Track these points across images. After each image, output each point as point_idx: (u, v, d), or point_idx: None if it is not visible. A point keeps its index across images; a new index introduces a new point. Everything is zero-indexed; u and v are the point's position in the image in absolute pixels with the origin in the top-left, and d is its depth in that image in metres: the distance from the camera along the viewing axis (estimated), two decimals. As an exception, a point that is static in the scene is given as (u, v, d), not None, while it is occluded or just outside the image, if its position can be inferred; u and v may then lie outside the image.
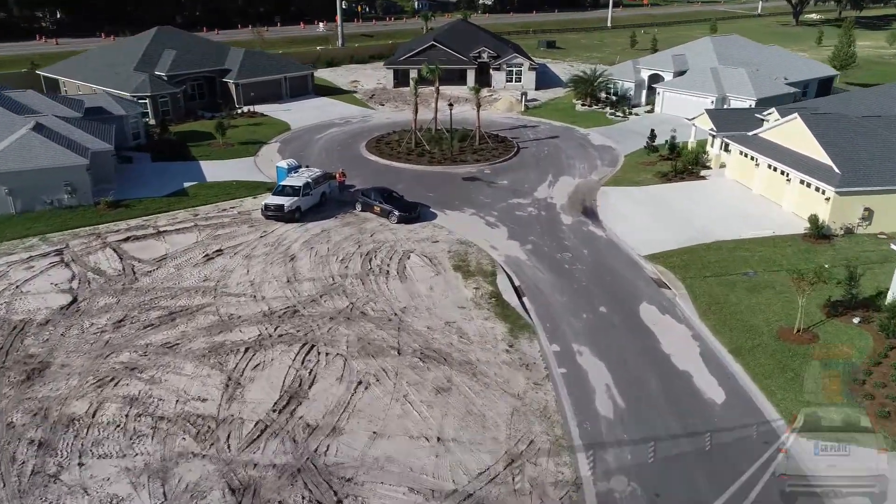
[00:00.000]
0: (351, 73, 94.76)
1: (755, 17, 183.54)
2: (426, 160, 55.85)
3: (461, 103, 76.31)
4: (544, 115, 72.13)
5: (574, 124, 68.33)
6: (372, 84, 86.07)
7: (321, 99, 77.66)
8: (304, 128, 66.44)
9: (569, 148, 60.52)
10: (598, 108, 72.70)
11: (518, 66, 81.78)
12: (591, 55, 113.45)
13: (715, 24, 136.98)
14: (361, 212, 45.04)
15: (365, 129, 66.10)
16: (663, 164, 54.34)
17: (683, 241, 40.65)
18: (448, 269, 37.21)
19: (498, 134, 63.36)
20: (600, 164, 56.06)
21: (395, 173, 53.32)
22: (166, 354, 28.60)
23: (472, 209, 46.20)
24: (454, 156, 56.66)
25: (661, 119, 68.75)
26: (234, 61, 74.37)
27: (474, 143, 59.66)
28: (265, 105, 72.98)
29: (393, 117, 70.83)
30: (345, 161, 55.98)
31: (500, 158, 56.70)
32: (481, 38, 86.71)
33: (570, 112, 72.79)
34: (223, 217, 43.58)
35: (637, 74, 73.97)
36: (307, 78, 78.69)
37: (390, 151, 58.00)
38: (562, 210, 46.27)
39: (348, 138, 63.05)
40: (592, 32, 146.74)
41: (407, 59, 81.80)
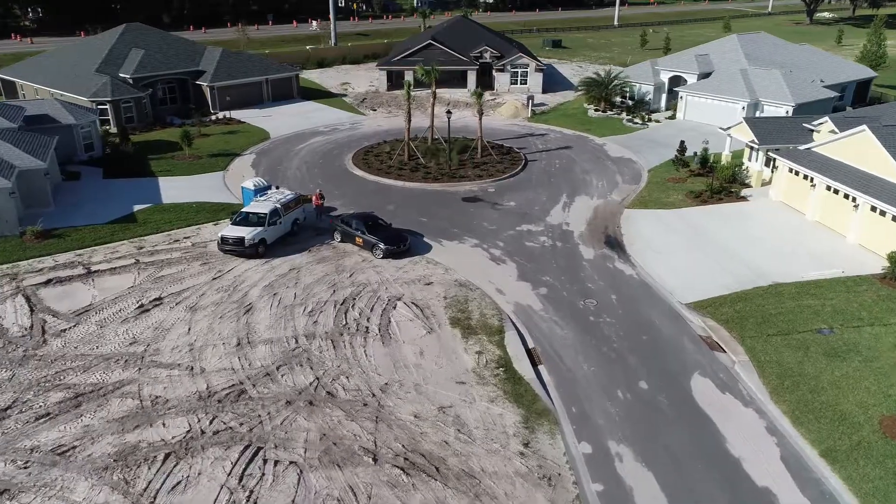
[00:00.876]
0: (342, 74, 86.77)
1: (766, 16, 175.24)
2: (420, 176, 47.92)
3: (461, 108, 68.40)
4: (553, 121, 64.15)
5: (587, 132, 60.34)
6: (364, 87, 78.07)
7: (307, 103, 69.65)
8: (284, 136, 58.49)
9: (584, 161, 52.54)
10: (614, 114, 64.70)
11: (523, 67, 73.81)
12: (600, 55, 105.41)
13: (728, 23, 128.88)
14: (340, 242, 37.19)
15: (353, 139, 58.16)
16: (695, 182, 46.38)
17: (733, 283, 32.70)
18: (443, 324, 29.29)
19: (503, 144, 55.41)
20: (621, 181, 48.09)
21: (383, 192, 45.41)
22: (55, 466, 20.67)
23: (473, 238, 38.28)
24: (453, 171, 48.75)
25: (685, 126, 60.77)
26: (209, 62, 66.39)
27: (476, 155, 51.74)
28: (243, 110, 64.99)
29: (385, 124, 62.87)
30: (327, 177, 48.09)
31: (506, 174, 48.75)
32: (483, 36, 78.73)
33: (581, 118, 64.80)
34: (173, 251, 35.63)
35: (656, 77, 65.93)
36: (291, 80, 70.69)
37: (379, 165, 50.08)
38: (581, 240, 38.34)
39: (333, 149, 55.10)
40: (599, 31, 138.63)
41: (402, 60, 73.84)
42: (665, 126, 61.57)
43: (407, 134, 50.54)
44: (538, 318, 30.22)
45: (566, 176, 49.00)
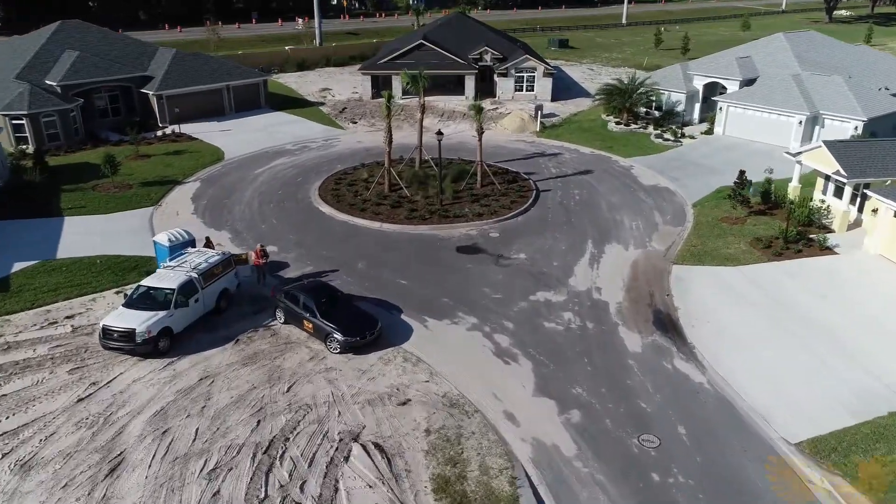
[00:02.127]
0: (323, 78, 75.33)
1: (779, 14, 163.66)
2: (404, 214, 36.72)
3: (457, 120, 57.14)
4: (567, 136, 52.82)
5: (609, 151, 49.03)
6: (346, 93, 66.67)
7: (276, 114, 58.28)
8: (242, 157, 47.22)
9: (609, 191, 41.26)
10: (638, 128, 53.39)
11: (530, 70, 62.45)
12: (612, 56, 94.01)
13: (747, 21, 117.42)
14: (284, 324, 26.05)
15: (325, 160, 46.87)
16: (757, 223, 35.21)
17: (857, 403, 21.52)
18: (423, 490, 18.12)
19: (507, 169, 44.17)
20: (661, 221, 36.85)
21: (354, 239, 34.21)
22: None
23: (470, 315, 27.09)
24: (445, 206, 37.57)
25: (726, 144, 49.51)
26: (159, 66, 55.06)
27: (475, 184, 40.54)
28: (199, 123, 53.69)
29: (366, 140, 51.50)
30: (285, 216, 36.86)
31: (513, 210, 37.53)
32: (483, 36, 67.32)
33: (600, 133, 53.49)
34: (40, 343, 24.38)
35: (688, 83, 54.60)
36: (258, 87, 59.29)
37: (353, 199, 38.84)
38: (620, 317, 27.14)
39: (298, 175, 43.81)
40: (607, 30, 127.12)
41: (388, 63, 62.47)
42: (702, 143, 50.26)
43: (388, 159, 39.26)
44: (571, 474, 19.01)
45: (589, 213, 37.75)
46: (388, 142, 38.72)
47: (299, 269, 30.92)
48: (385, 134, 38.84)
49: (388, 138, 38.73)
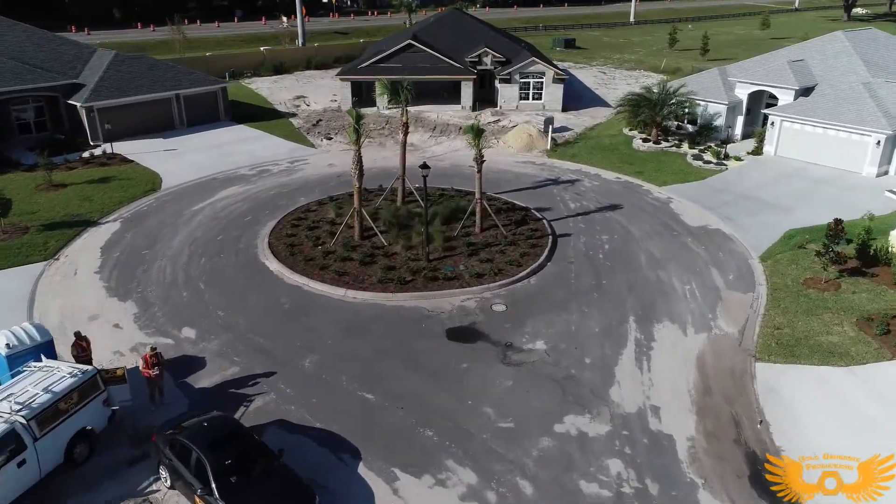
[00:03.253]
0: (301, 83, 65.33)
1: (793, 12, 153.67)
2: (378, 272, 26.88)
3: (452, 135, 47.25)
4: (585, 157, 42.88)
5: (639, 177, 39.14)
6: (323, 101, 56.68)
7: (236, 129, 48.32)
8: (184, 185, 37.37)
9: (646, 234, 31.35)
10: (671, 146, 43.48)
11: (537, 76, 52.49)
12: (624, 57, 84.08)
13: (767, 19, 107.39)
14: (171, 489, 16.23)
15: (285, 190, 36.99)
16: (857, 287, 25.42)
17: None
18: None
19: (514, 204, 34.34)
20: (722, 283, 26.98)
21: (305, 316, 24.32)
22: None
23: (464, 466, 17.23)
24: (432, 261, 27.76)
25: (783, 169, 39.68)
26: (93, 72, 45.13)
27: (472, 226, 30.71)
28: (141, 140, 43.89)
29: (338, 163, 41.46)
30: (218, 277, 26.93)
31: (523, 267, 27.68)
32: (482, 35, 57.31)
33: (624, 152, 43.59)
34: None
35: (729, 92, 44.65)
36: (216, 96, 49.29)
37: (312, 250, 28.97)
38: (695, 468, 17.26)
39: (249, 211, 33.92)
40: (614, 28, 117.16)
41: (371, 67, 52.49)
42: (752, 168, 40.35)
43: (357, 198, 29.28)
44: None
45: (625, 270, 27.88)
46: (357, 174, 28.77)
47: (217, 369, 21.10)
48: (354, 165, 28.85)
49: (357, 170, 28.77)
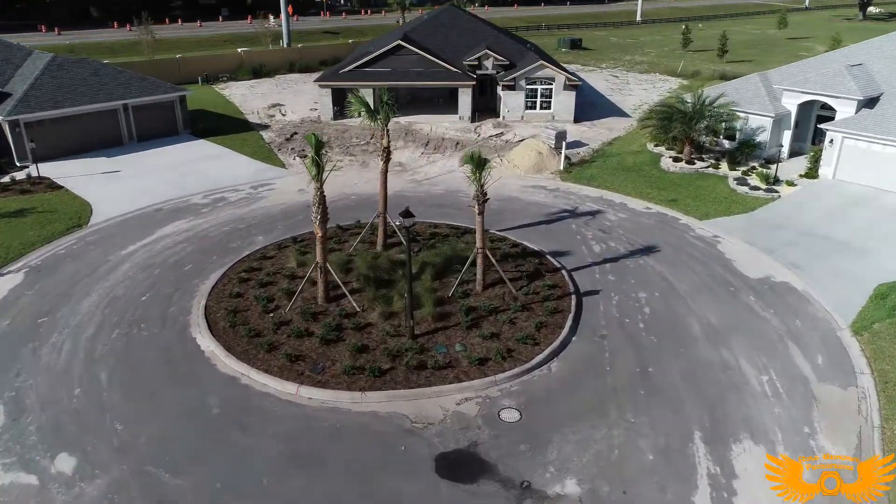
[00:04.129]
0: (280, 89, 57.99)
1: (804, 11, 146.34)
2: (345, 354, 19.63)
3: (447, 151, 40.05)
4: (606, 180, 35.53)
5: (674, 207, 31.81)
6: (302, 111, 49.32)
7: (196, 145, 41.00)
8: (118, 219, 30.09)
9: (696, 290, 23.89)
10: (706, 167, 36.17)
11: (546, 81, 45.13)
12: (634, 58, 76.79)
13: (784, 18, 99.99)
14: None
15: (241, 226, 29.67)
16: None
17: None
18: None
19: (524, 246, 27.02)
20: (808, 368, 19.59)
21: (238, 430, 16.97)
22: None
23: None
24: (418, 338, 20.52)
25: (849, 196, 32.38)
26: (24, 79, 37.80)
27: (472, 281, 23.44)
28: (78, 161, 36.68)
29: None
30: (132, 358, 19.42)
31: (540, 346, 20.40)
32: (482, 34, 49.95)
33: (651, 173, 36.29)
34: None
35: (774, 102, 37.31)
36: (173, 106, 41.90)
37: (261, 318, 21.69)
38: None
39: (189, 257, 26.58)
40: (620, 28, 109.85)
41: (355, 72, 45.16)
42: (810, 195, 33.02)
43: (321, 250, 21.90)
44: None
45: (677, 349, 20.58)
46: (318, 218, 21.44)
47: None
48: (315, 207, 21.53)
49: (318, 212, 21.44)
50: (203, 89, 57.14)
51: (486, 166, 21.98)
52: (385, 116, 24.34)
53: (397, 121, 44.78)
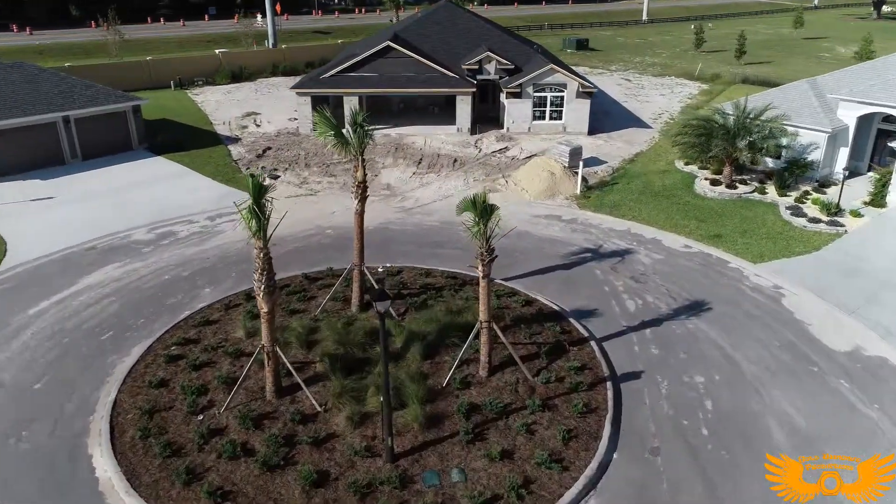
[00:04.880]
0: (259, 94, 51.84)
1: (814, 10, 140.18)
2: (294, 491, 13.59)
3: (443, 170, 33.98)
4: (632, 207, 29.37)
5: (718, 244, 25.73)
6: (279, 120, 43.12)
7: (152, 163, 34.86)
8: (34, 262, 23.98)
9: (766, 372, 17.77)
10: (751, 191, 30.10)
11: (556, 88, 39.04)
12: (644, 60, 70.75)
13: (801, 17, 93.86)
14: None
15: (186, 273, 23.54)
16: None
17: None
18: None
19: (540, 304, 20.91)
20: (960, 515, 13.83)
21: None
22: None
23: None
24: (398, 458, 14.49)
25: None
26: (-56, 86, 31.72)
27: (475, 362, 17.41)
28: (5, 184, 30.63)
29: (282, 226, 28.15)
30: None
31: (568, 474, 14.37)
32: (483, 34, 43.80)
33: (685, 198, 30.20)
34: None
35: (829, 114, 31.23)
36: (125, 117, 35.75)
37: (185, 423, 15.69)
38: None
39: (112, 319, 20.47)
40: (626, 27, 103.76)
41: (338, 77, 39.04)
42: (883, 228, 26.91)
43: (268, 331, 15.82)
44: None
45: (756, 468, 14.60)
46: (263, 289, 15.37)
47: None
48: (258, 275, 15.47)
49: (262, 281, 15.38)
50: (174, 95, 51.14)
51: (494, 214, 15.90)
52: (359, 142, 18.29)
53: (387, 133, 38.82)
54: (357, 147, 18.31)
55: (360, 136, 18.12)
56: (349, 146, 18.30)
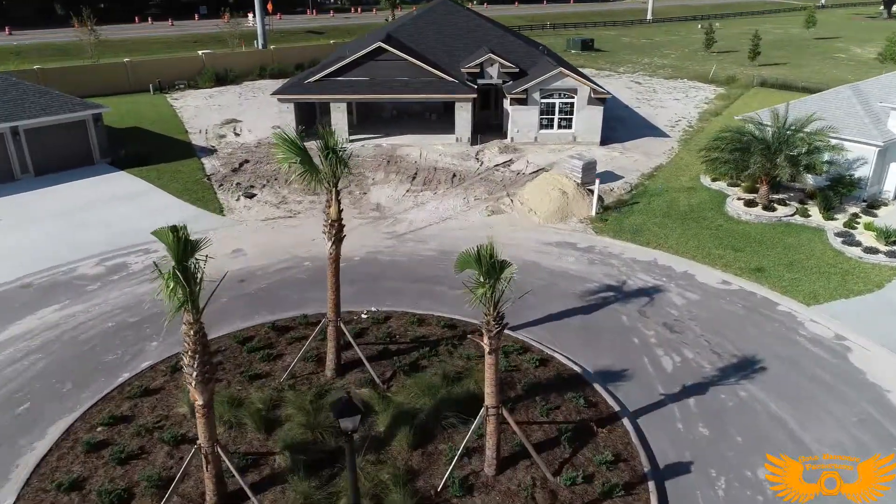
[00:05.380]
0: (243, 99, 47.80)
1: (821, 9, 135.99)
2: None
3: (439, 187, 30.00)
4: (656, 233, 25.42)
5: (761, 279, 21.79)
6: (261, 129, 39.02)
7: (114, 179, 30.79)
8: (-44, 308, 20.13)
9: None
10: (792, 214, 26.13)
11: (566, 94, 35.03)
12: (653, 61, 66.79)
13: (813, 16, 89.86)
14: None
15: (133, 319, 19.52)
16: None
17: None
18: None
19: (557, 364, 16.91)
20: None
21: None
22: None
23: None
24: None
25: None
26: None
27: (481, 464, 13.41)
28: (-59, 206, 26.73)
29: (252, 248, 24.16)
30: None
31: None
32: (485, 35, 39.76)
33: (716, 221, 26.22)
34: None
35: (879, 125, 27.25)
36: (86, 128, 31.71)
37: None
38: None
39: (33, 382, 16.47)
40: (631, 27, 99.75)
41: (324, 82, 35.05)
42: (945, 257, 23.12)
43: (206, 428, 11.89)
44: None
45: None
46: (197, 378, 11.41)
47: None
48: (188, 356, 11.52)
49: (196, 370, 11.41)
50: (152, 100, 47.22)
51: (506, 270, 11.94)
52: (332, 172, 14.35)
53: (378, 143, 34.88)
54: (330, 178, 14.37)
55: (332, 164, 14.17)
56: (319, 176, 14.33)
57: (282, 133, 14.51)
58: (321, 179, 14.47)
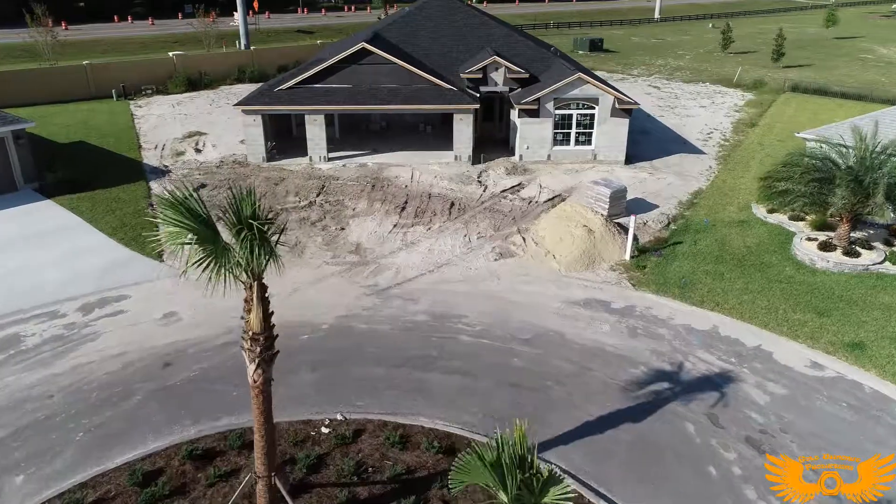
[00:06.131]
0: (214, 108, 41.87)
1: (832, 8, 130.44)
2: None
3: (435, 220, 24.01)
4: (709, 286, 19.71)
5: (863, 360, 16.14)
6: (228, 143, 33.19)
7: (32, 210, 24.94)
8: None
9: None
10: (882, 261, 20.39)
11: (585, 105, 29.25)
12: (668, 63, 61.09)
13: (833, 14, 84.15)
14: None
15: (6, 433, 13.82)
16: None
17: None
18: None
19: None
20: None
21: None
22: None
23: None
24: None
25: None
26: None
27: None
28: None
29: (193, 313, 18.34)
30: None
31: None
32: (488, 35, 33.89)
33: (783, 269, 20.53)
34: None
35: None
36: (5, 148, 25.85)
37: None
38: None
39: None
40: (639, 26, 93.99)
41: (298, 90, 29.22)
42: None
43: None
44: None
45: None
46: None
47: None
48: None
49: None
50: (111, 107, 41.51)
51: (554, 492, 6.18)
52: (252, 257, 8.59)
53: (363, 163, 29.14)
54: (248, 266, 8.60)
55: (249, 244, 8.40)
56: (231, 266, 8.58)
57: (169, 195, 8.75)
58: (234, 268, 8.71)
